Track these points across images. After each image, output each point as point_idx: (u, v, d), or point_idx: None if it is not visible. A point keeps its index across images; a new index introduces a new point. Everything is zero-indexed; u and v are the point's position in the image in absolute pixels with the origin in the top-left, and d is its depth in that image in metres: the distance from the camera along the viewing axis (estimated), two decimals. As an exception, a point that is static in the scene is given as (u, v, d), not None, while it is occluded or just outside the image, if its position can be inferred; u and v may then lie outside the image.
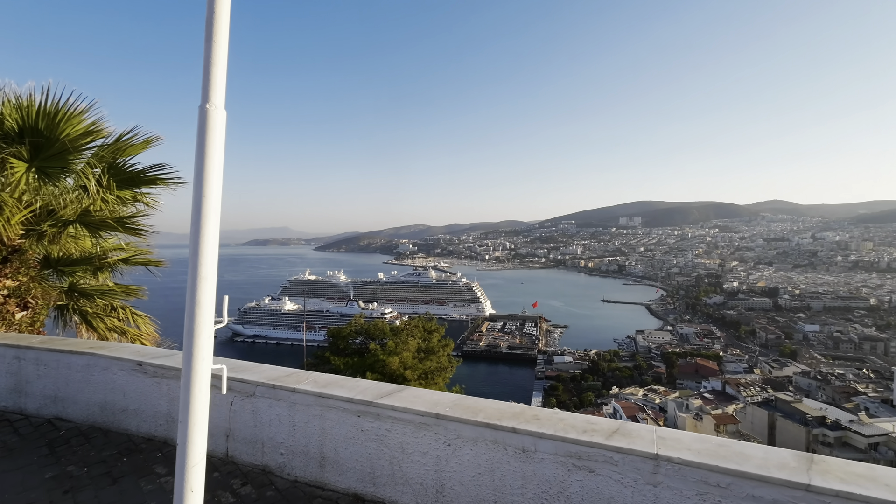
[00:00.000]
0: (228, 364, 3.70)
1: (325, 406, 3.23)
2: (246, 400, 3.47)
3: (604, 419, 2.98)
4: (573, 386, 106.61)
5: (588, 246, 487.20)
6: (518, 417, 2.83)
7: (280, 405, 3.35)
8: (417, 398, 3.12)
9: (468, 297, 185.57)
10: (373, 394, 3.21)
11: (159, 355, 4.17)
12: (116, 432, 4.10)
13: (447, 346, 21.00)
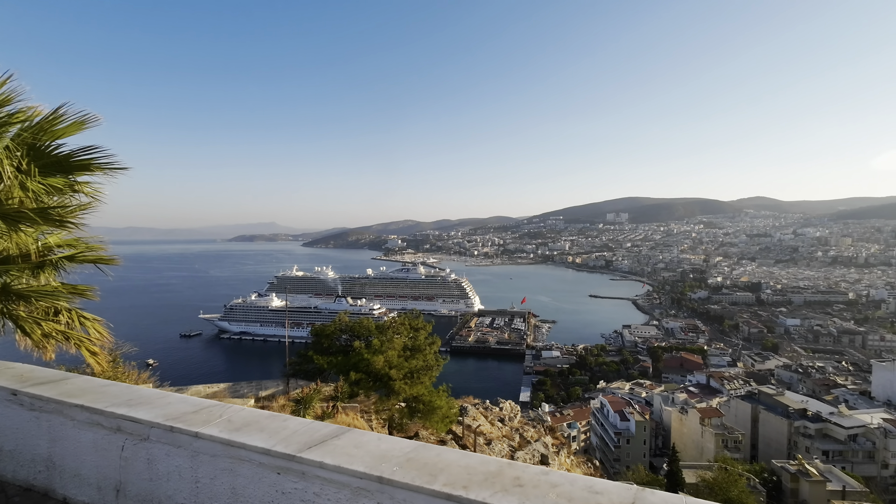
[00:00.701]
0: (123, 394, 2.86)
1: (236, 458, 2.43)
2: (140, 445, 2.67)
3: (613, 485, 2.05)
4: (561, 380, 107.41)
5: (576, 242, 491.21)
6: (493, 482, 2.05)
7: (180, 454, 2.56)
8: (359, 449, 2.35)
9: (457, 293, 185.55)
10: (300, 442, 2.43)
11: (43, 380, 3.37)
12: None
13: (434, 343, 20.60)
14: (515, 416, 27.14)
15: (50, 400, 2.98)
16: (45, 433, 3.04)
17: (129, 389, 2.61)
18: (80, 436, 2.84)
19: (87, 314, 5.60)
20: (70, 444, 2.90)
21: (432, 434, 18.87)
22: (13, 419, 3.18)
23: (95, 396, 2.89)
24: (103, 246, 5.95)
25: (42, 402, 3.04)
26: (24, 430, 3.17)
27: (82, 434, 2.83)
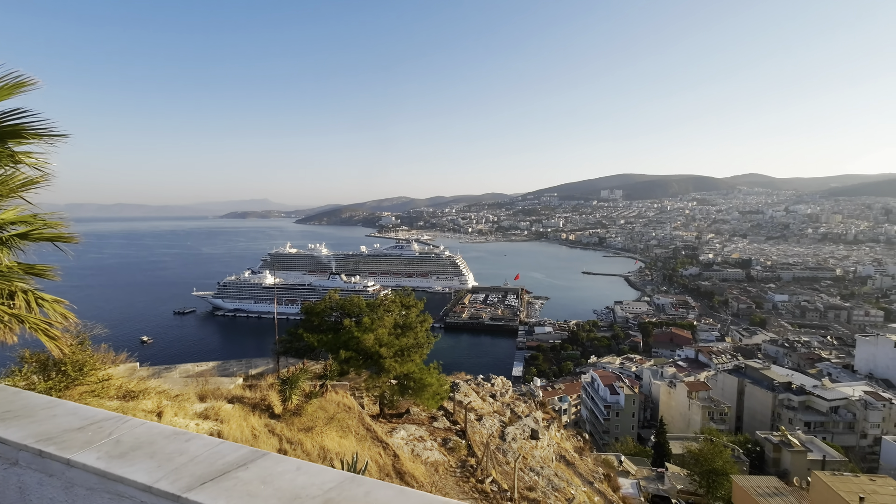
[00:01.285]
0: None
1: (114, 494, 1.88)
2: (10, 470, 2.10)
3: None
4: (553, 356, 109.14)
5: (570, 219, 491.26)
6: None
7: (53, 484, 2.01)
8: (267, 485, 1.78)
9: (451, 270, 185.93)
10: (194, 474, 1.86)
11: None
12: None
13: (425, 321, 20.47)
14: (507, 392, 27.40)
15: None
16: None
17: (11, 396, 2.13)
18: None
19: (47, 295, 5.25)
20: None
21: (423, 410, 18.96)
22: None
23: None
24: (63, 223, 5.54)
25: None
26: None
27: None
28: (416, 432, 15.25)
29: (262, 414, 10.23)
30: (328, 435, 10.16)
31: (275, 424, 9.80)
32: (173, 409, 8.07)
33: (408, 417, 17.75)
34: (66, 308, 5.57)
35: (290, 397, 10.80)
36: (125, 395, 7.87)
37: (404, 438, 14.11)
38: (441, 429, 17.19)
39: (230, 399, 10.64)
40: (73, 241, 5.32)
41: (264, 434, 8.93)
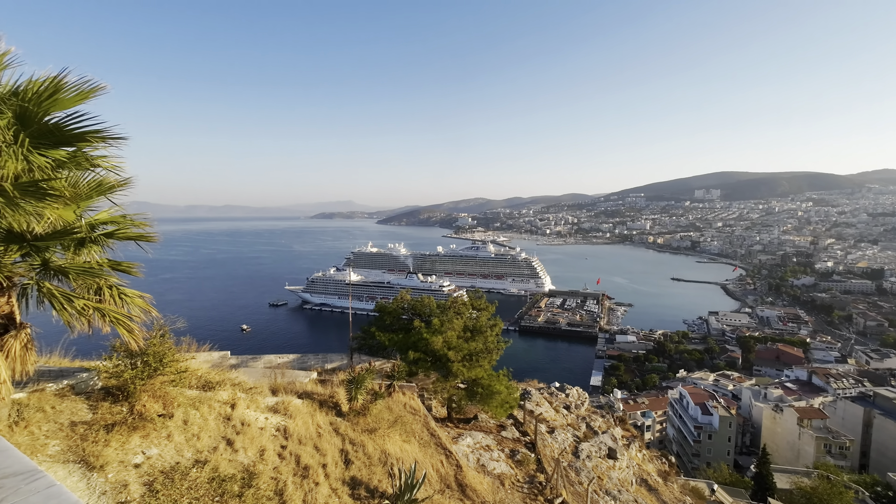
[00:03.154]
0: None
1: None
2: None
3: None
4: (636, 366, 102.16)
5: (658, 220, 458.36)
6: None
7: None
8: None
9: (527, 272, 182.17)
10: None
11: None
12: None
13: (496, 325, 19.88)
14: (583, 404, 25.82)
15: None
16: None
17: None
18: None
19: (130, 290, 5.60)
20: None
21: (492, 418, 18.40)
22: None
23: None
24: (147, 223, 5.90)
25: None
26: None
27: None
28: (483, 441, 14.74)
29: (329, 411, 10.39)
30: (391, 438, 10.05)
31: (340, 423, 9.88)
32: (246, 402, 8.40)
33: (475, 424, 17.30)
34: (148, 303, 5.93)
35: (356, 396, 10.88)
36: (204, 386, 8.34)
37: (470, 447, 13.68)
38: (509, 439, 16.50)
39: (301, 394, 10.95)
40: (153, 239, 5.65)
41: (328, 433, 9.00)
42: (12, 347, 4.64)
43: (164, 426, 6.22)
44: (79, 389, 6.41)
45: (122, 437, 5.57)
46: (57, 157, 4.14)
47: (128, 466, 5.27)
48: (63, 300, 4.70)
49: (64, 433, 5.36)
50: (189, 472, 5.59)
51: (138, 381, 6.26)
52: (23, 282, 4.77)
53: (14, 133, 3.79)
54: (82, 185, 4.81)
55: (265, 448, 7.25)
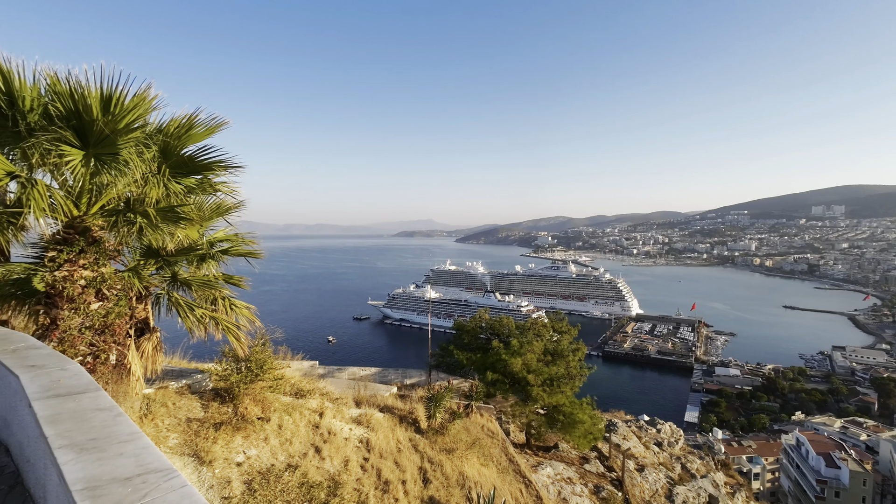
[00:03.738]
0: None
1: None
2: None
3: None
4: (740, 404, 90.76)
5: (766, 241, 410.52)
6: None
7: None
8: None
9: (612, 294, 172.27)
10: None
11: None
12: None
13: (578, 350, 18.96)
14: (677, 442, 23.47)
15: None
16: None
17: (108, 420, 2.21)
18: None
19: (239, 301, 6.21)
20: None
21: (574, 448, 17.41)
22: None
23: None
24: (255, 241, 6.55)
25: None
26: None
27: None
28: (565, 472, 13.95)
29: (408, 427, 10.52)
30: (469, 460, 9.89)
31: (419, 440, 9.96)
32: (332, 412, 8.80)
33: (556, 453, 16.47)
34: (253, 313, 6.55)
35: (435, 414, 10.91)
36: (296, 393, 8.91)
37: (550, 477, 13.02)
38: (593, 473, 15.44)
39: (382, 408, 11.25)
40: (259, 256, 6.26)
41: (408, 449, 9.10)
42: (146, 348, 5.36)
43: (262, 429, 6.72)
44: (194, 389, 7.19)
45: (227, 436, 6.11)
46: (188, 184, 4.80)
47: (231, 464, 5.74)
48: (187, 309, 5.35)
49: (181, 428, 6.01)
50: (282, 476, 5.95)
51: (242, 385, 6.86)
52: (156, 292, 5.54)
53: (158, 164, 4.47)
54: (205, 208, 5.50)
55: (349, 458, 7.50)
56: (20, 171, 4.23)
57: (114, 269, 4.89)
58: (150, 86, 4.22)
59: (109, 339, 4.78)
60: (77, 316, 4.37)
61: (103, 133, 4.02)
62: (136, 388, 5.28)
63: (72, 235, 4.51)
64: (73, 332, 4.43)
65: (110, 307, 4.66)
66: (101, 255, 4.58)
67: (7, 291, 4.83)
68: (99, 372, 4.67)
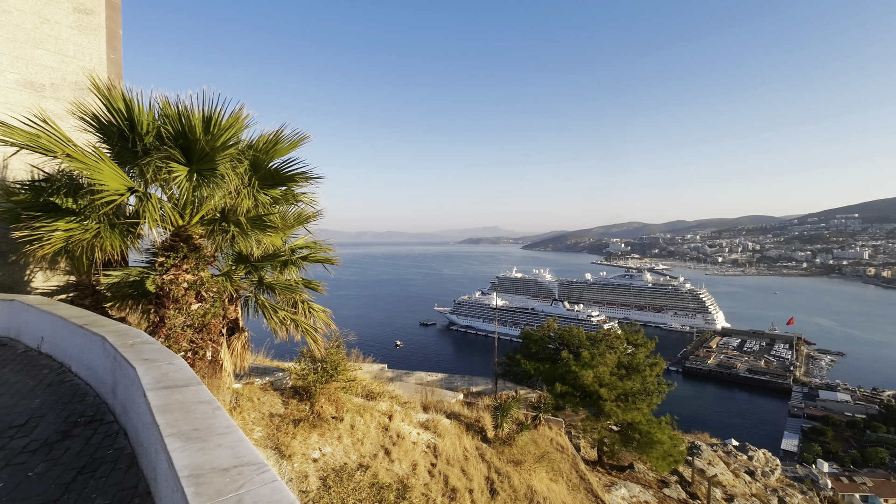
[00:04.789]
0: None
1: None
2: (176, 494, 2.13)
3: None
4: (851, 434, 79.56)
5: (882, 248, 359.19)
6: None
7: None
8: None
9: (693, 306, 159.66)
10: None
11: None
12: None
13: (656, 364, 17.74)
14: (773, 472, 21.07)
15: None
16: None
17: (208, 413, 2.45)
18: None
19: (316, 305, 6.59)
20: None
21: (651, 470, 16.28)
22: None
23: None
24: (331, 248, 6.93)
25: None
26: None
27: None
28: (641, 495, 13.07)
29: (475, 435, 10.46)
30: (537, 474, 9.61)
31: (485, 449, 9.85)
32: (401, 415, 8.99)
33: (631, 474, 15.49)
34: (329, 317, 6.91)
35: (502, 424, 10.75)
36: (367, 395, 9.22)
37: (625, 499, 12.26)
38: (673, 499, 14.30)
39: (449, 414, 11.28)
40: (335, 262, 6.63)
41: (474, 458, 9.03)
42: (236, 346, 5.86)
43: (336, 428, 7.03)
44: (276, 386, 7.71)
45: (305, 433, 6.47)
46: (274, 195, 5.23)
47: (308, 460, 6.06)
48: (271, 311, 5.77)
49: (265, 422, 6.46)
50: (354, 475, 6.16)
51: (318, 385, 7.24)
52: (245, 294, 6.06)
53: (248, 177, 4.92)
54: (288, 217, 5.93)
55: (417, 463, 7.60)
56: (138, 186, 4.87)
57: (210, 273, 5.42)
58: (242, 106, 4.67)
59: (206, 336, 5.29)
60: (181, 315, 4.90)
61: (204, 150, 4.51)
62: (227, 382, 5.77)
63: (177, 243, 5.08)
64: (178, 330, 4.96)
65: (207, 308, 5.16)
66: (200, 261, 5.11)
67: (126, 292, 5.54)
68: (197, 366, 5.18)
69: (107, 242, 4.74)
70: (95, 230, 4.72)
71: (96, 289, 6.14)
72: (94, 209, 4.69)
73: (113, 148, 5.10)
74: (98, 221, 4.79)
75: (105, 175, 4.60)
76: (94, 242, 4.73)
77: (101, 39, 7.87)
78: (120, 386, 3.73)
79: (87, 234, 4.68)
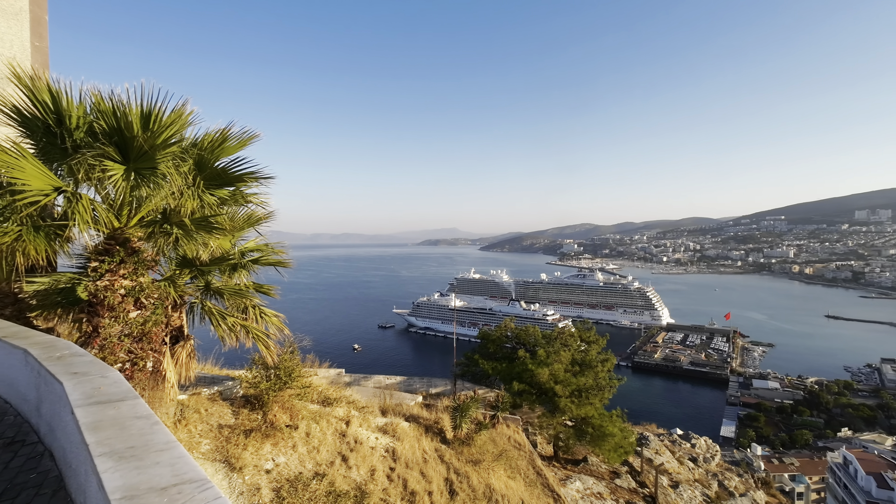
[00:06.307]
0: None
1: None
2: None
3: None
4: (781, 419, 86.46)
5: (805, 247, 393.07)
6: None
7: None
8: None
9: (641, 303, 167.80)
10: None
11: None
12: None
13: (607, 360, 18.48)
14: (713, 458, 22.48)
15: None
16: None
17: (146, 429, 2.26)
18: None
19: (269, 310, 6.34)
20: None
21: (603, 462, 16.91)
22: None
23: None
24: (284, 250, 6.69)
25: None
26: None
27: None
28: (595, 487, 13.55)
29: (434, 437, 10.45)
30: (496, 472, 9.73)
31: (445, 450, 9.86)
32: (359, 420, 8.83)
33: (585, 467, 16.02)
34: (282, 322, 6.66)
35: (461, 425, 10.80)
36: (323, 401, 8.98)
37: (580, 492, 12.66)
38: (625, 488, 14.93)
39: (408, 417, 11.21)
40: (288, 265, 6.39)
41: (434, 459, 9.02)
42: (180, 356, 5.52)
43: (290, 436, 6.79)
44: (225, 395, 7.35)
45: (256, 443, 6.20)
46: (221, 195, 4.97)
47: (261, 471, 5.81)
48: (219, 317, 5.49)
49: (213, 434, 6.14)
50: (310, 484, 5.98)
51: (271, 393, 6.97)
52: (191, 300, 5.73)
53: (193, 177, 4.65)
54: (237, 219, 5.67)
55: (375, 468, 7.49)
56: (66, 185, 4.48)
57: (151, 278, 5.09)
58: (186, 102, 4.42)
59: (147, 346, 4.96)
60: (117, 324, 4.55)
61: (143, 148, 4.21)
62: (170, 394, 5.43)
63: (113, 246, 4.72)
64: (114, 340, 4.61)
65: (148, 315, 4.83)
66: (139, 265, 4.77)
67: (54, 300, 5.09)
68: (136, 378, 4.84)
69: (30, 246, 4.33)
70: (16, 233, 4.30)
71: (18, 297, 5.61)
72: (14, 210, 4.27)
73: (38, 144, 4.67)
74: (20, 224, 4.37)
75: (28, 173, 4.20)
76: (14, 246, 4.31)
77: (23, 25, 7.21)
78: (45, 403, 3.42)
79: (7, 238, 4.25)
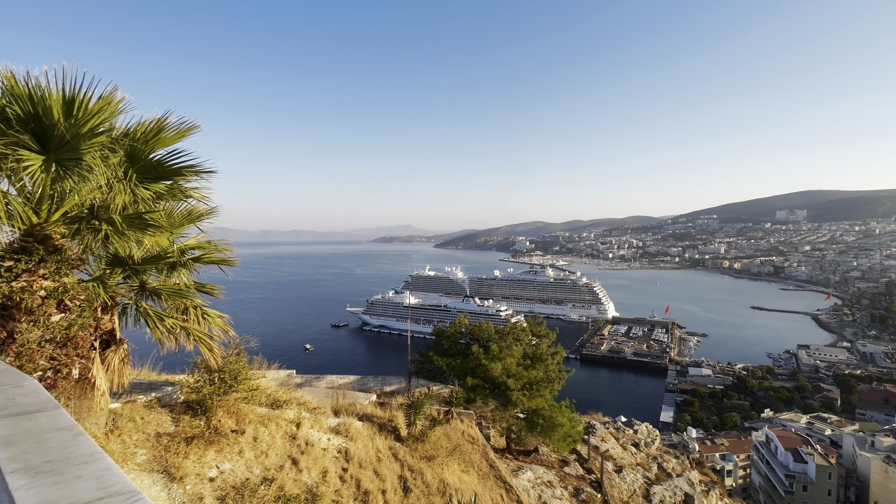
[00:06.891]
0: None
1: None
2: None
3: None
4: (713, 403, 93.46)
5: (734, 244, 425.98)
6: None
7: None
8: None
9: (588, 298, 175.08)
10: None
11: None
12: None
13: (557, 353, 19.14)
14: (654, 442, 23.92)
15: None
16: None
17: (67, 440, 2.04)
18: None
19: (212, 311, 6.02)
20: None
21: (553, 451, 17.51)
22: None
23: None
24: (228, 248, 6.38)
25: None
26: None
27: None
28: (545, 476, 14.03)
29: (388, 435, 10.39)
30: (450, 467, 9.83)
31: (399, 448, 9.84)
32: (310, 422, 8.61)
33: (536, 457, 16.54)
34: (227, 323, 6.35)
35: (415, 422, 10.81)
36: (272, 404, 8.68)
37: (531, 481, 13.06)
38: (573, 476, 15.57)
39: (361, 416, 11.07)
40: (233, 263, 6.09)
41: (388, 458, 8.98)
42: (112, 361, 5.13)
43: (236, 442, 6.51)
44: (164, 402, 6.92)
45: (199, 451, 5.89)
46: (157, 189, 4.64)
47: (204, 480, 5.53)
48: (156, 319, 5.14)
49: (150, 443, 5.77)
50: (258, 490, 5.77)
51: (215, 397, 6.64)
52: (124, 302, 5.32)
53: (124, 170, 4.31)
54: (176, 215, 5.33)
55: (327, 469, 7.34)
56: (-27, 176, 4.02)
57: (77, 278, 4.68)
58: (116, 88, 4.08)
59: (72, 352, 4.56)
60: (36, 328, 4.15)
61: (65, 137, 3.85)
62: (101, 402, 5.04)
63: (31, 244, 4.29)
64: (32, 346, 4.21)
65: (73, 319, 4.44)
66: (63, 265, 4.37)
67: (-41, 304, 4.56)
68: (60, 387, 4.45)
69: (-72, 244, 3.84)
70: (-90, 230, 3.81)
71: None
72: None
73: (-63, 129, 4.15)
74: (-85, 219, 3.87)
75: (-76, 162, 3.72)
76: None
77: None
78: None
79: None
